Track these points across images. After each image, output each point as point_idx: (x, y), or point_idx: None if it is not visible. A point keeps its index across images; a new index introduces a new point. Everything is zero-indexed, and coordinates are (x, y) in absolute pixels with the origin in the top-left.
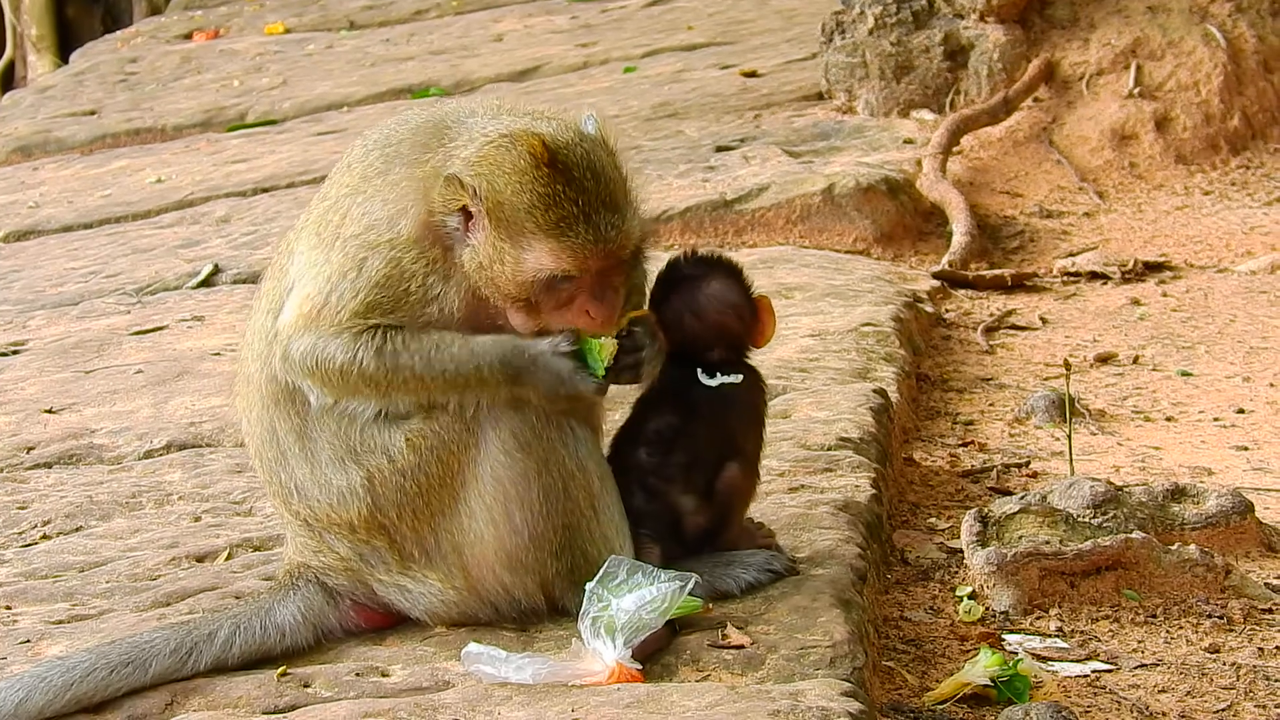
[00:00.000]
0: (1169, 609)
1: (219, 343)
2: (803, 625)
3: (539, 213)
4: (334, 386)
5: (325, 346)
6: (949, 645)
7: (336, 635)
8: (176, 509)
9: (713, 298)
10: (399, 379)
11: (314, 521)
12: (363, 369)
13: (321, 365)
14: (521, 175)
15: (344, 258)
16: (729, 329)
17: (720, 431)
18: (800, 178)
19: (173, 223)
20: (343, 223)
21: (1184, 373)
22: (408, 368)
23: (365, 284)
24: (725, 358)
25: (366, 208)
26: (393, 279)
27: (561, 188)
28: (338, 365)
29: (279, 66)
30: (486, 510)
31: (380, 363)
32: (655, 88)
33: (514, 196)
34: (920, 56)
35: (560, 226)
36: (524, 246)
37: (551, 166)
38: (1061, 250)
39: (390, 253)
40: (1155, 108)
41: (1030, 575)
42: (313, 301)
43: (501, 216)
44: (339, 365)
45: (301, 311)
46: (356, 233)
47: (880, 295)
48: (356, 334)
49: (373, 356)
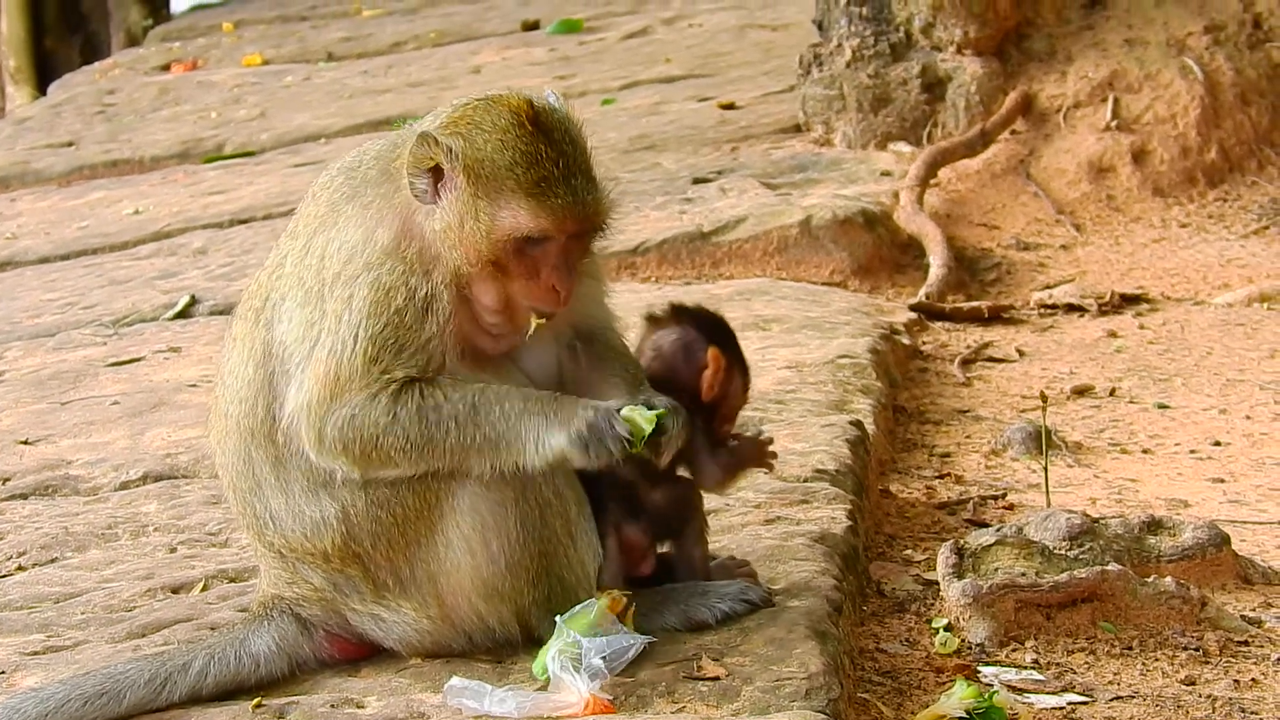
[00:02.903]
0: (1145, 641)
1: (195, 374)
2: (778, 657)
3: (520, 170)
4: (367, 458)
5: (361, 416)
6: (925, 677)
7: (311, 666)
8: (152, 540)
9: (669, 341)
10: (437, 438)
11: (288, 552)
12: (404, 432)
13: (360, 435)
14: (504, 133)
15: (336, 303)
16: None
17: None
18: (778, 210)
19: (150, 254)
20: (323, 265)
21: (1160, 405)
22: (451, 420)
23: (360, 319)
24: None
25: (341, 239)
26: (380, 303)
27: (544, 148)
28: (377, 432)
29: (257, 98)
30: (463, 539)
31: (423, 421)
32: (633, 120)
33: (495, 154)
34: (898, 89)
35: (541, 186)
36: (502, 205)
37: (535, 126)
38: (1038, 282)
39: (370, 275)
40: (1133, 140)
41: (1006, 607)
42: (326, 366)
43: (480, 173)
44: (379, 431)
45: (319, 379)
46: (338, 270)
47: (857, 327)
48: (393, 394)
49: (413, 416)
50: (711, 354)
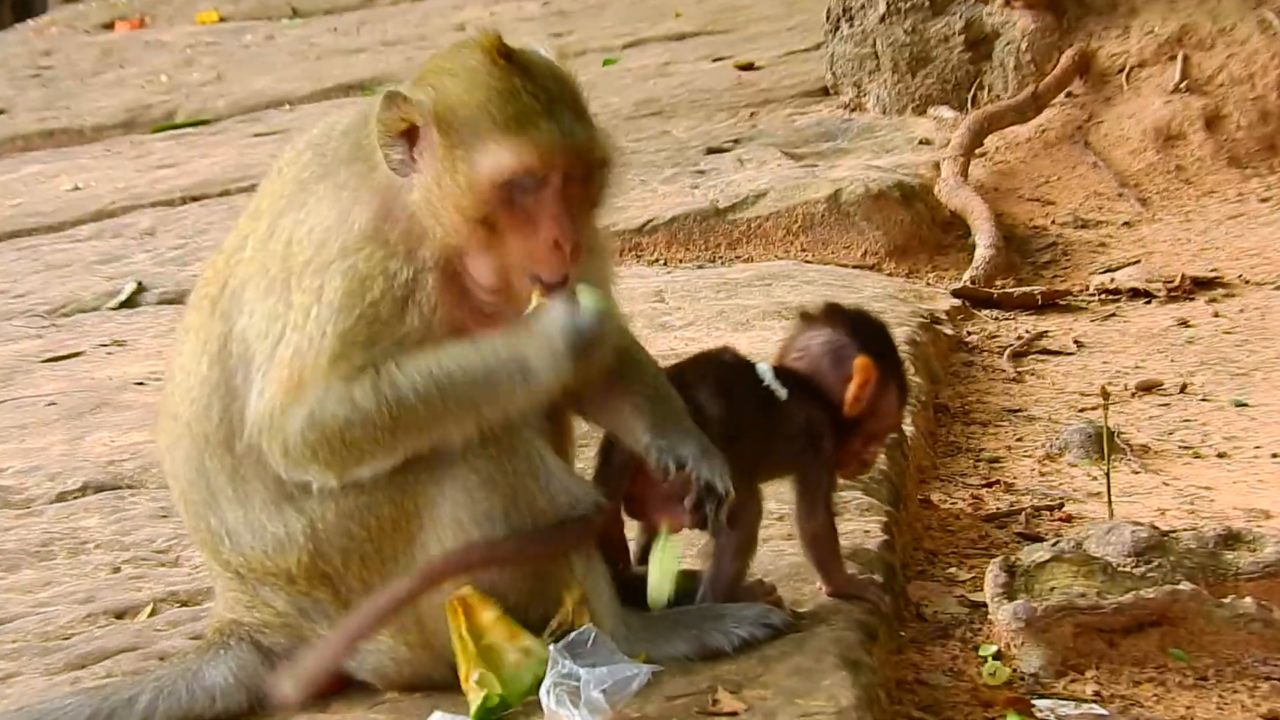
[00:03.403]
0: (1221, 670)
1: (142, 370)
2: (804, 689)
3: (495, 107)
4: (339, 458)
5: (319, 411)
6: (971, 712)
7: (273, 701)
8: (93, 559)
9: (817, 343)
10: (405, 415)
11: (247, 572)
12: (366, 417)
13: (323, 433)
14: (474, 74)
15: (304, 295)
16: (822, 380)
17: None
18: (802, 183)
19: (91, 235)
20: (289, 251)
21: (1238, 403)
22: (411, 393)
23: (330, 314)
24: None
25: (312, 222)
26: (354, 294)
27: (520, 82)
28: (339, 425)
29: (212, 60)
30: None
31: (380, 400)
32: (638, 82)
33: (466, 95)
34: (938, 47)
35: (520, 120)
36: (479, 149)
37: (508, 60)
38: (1099, 265)
39: (345, 262)
40: (1204, 104)
41: (1064, 632)
42: (289, 367)
43: (453, 121)
44: (340, 424)
45: (282, 384)
46: (308, 258)
47: (893, 316)
48: (346, 380)
49: (369, 396)
50: (859, 364)
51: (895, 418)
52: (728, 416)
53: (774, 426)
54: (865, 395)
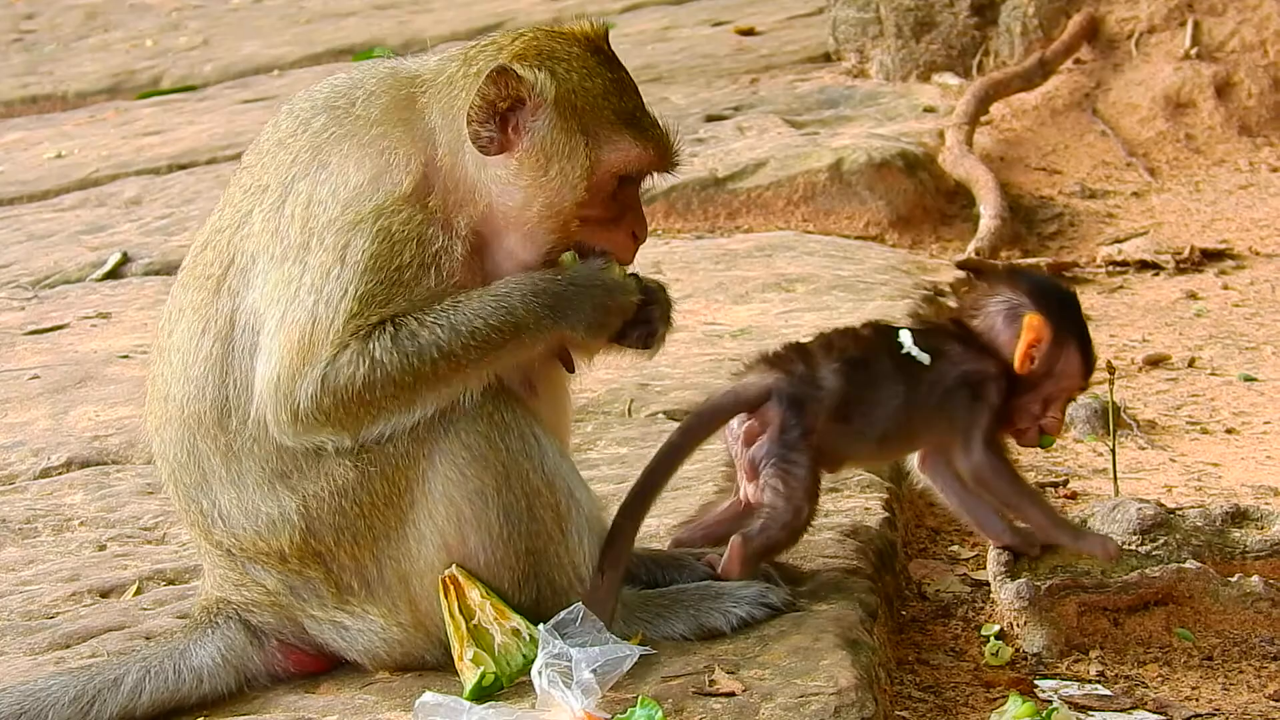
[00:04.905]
0: (1228, 650)
1: (128, 343)
2: (803, 669)
3: (615, 100)
4: (355, 418)
5: (335, 374)
6: (973, 692)
7: (262, 681)
8: (78, 536)
9: (995, 300)
10: (426, 366)
11: (237, 551)
12: (387, 373)
13: (339, 395)
14: (584, 61)
15: (325, 254)
16: (996, 338)
17: (878, 395)
18: (804, 152)
19: (75, 204)
20: (309, 213)
21: (1247, 377)
22: (432, 346)
23: (353, 275)
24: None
25: (336, 182)
26: (382, 256)
27: (625, 75)
28: (358, 384)
29: (199, 24)
30: (438, 534)
31: (400, 354)
32: (637, 48)
33: (585, 83)
34: (943, 11)
35: (636, 116)
36: (604, 139)
37: (611, 52)
38: (1106, 236)
39: (377, 223)
40: (1215, 71)
41: (1067, 611)
42: (300, 328)
43: (574, 105)
44: (360, 383)
45: (291, 347)
46: (334, 216)
47: (896, 288)
48: (363, 339)
49: (390, 351)
50: (1029, 321)
51: (1075, 380)
52: (849, 390)
53: (915, 392)
54: (1036, 354)
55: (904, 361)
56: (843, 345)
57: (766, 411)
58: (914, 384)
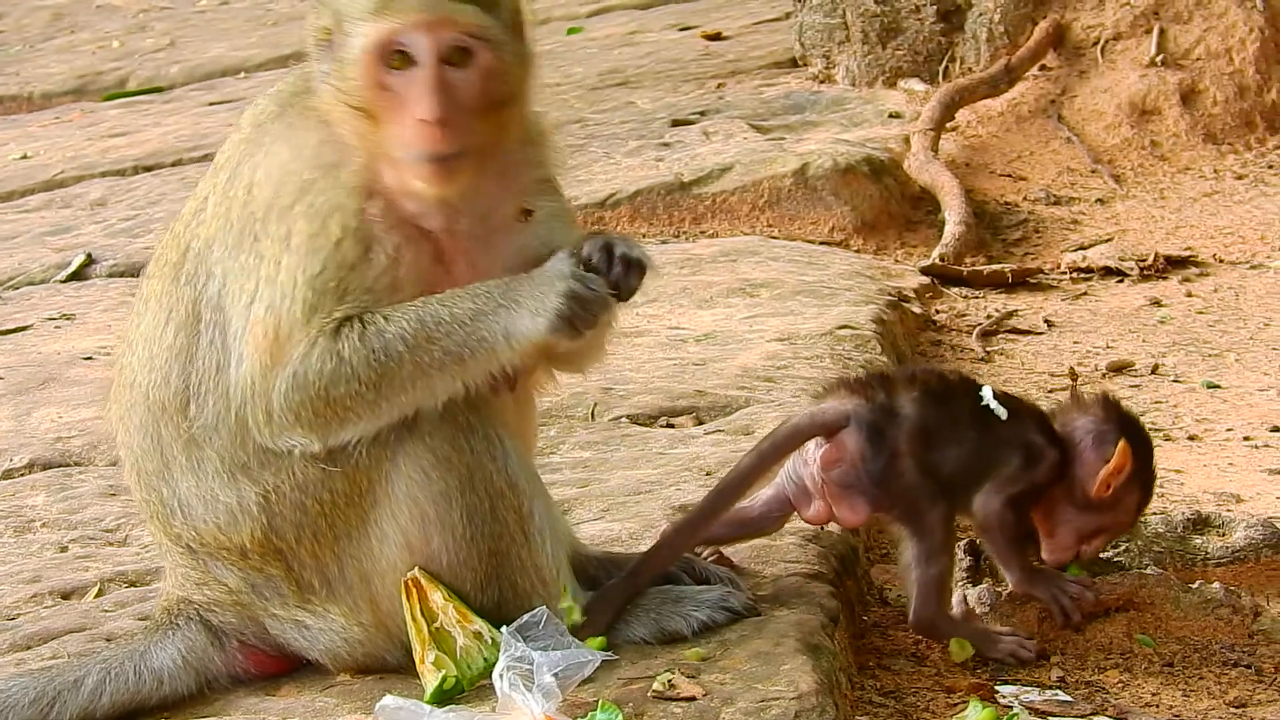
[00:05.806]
0: (1189, 657)
1: (91, 345)
2: (764, 674)
3: None
4: (322, 419)
5: (302, 370)
6: (934, 698)
7: (223, 682)
8: (39, 538)
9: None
10: (393, 361)
11: (198, 546)
12: (353, 372)
13: (308, 392)
14: None
15: (272, 244)
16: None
17: (953, 434)
18: (769, 157)
19: (39, 206)
20: (250, 196)
21: (1210, 385)
22: (399, 339)
23: (299, 260)
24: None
25: (269, 162)
26: (317, 235)
27: None
28: (324, 382)
29: (166, 25)
30: (400, 534)
31: (369, 352)
32: (603, 52)
33: None
34: (909, 17)
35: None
36: (352, 30)
37: None
38: (1071, 242)
39: (304, 201)
40: (1181, 78)
41: (1028, 617)
42: (264, 325)
43: (339, 10)
44: (326, 380)
45: (260, 346)
46: (269, 199)
47: (860, 293)
48: (331, 334)
49: (357, 348)
50: (1122, 447)
51: (1129, 518)
52: (926, 422)
53: (985, 441)
54: (1114, 482)
55: (981, 412)
56: (925, 379)
57: (843, 437)
58: (986, 435)
